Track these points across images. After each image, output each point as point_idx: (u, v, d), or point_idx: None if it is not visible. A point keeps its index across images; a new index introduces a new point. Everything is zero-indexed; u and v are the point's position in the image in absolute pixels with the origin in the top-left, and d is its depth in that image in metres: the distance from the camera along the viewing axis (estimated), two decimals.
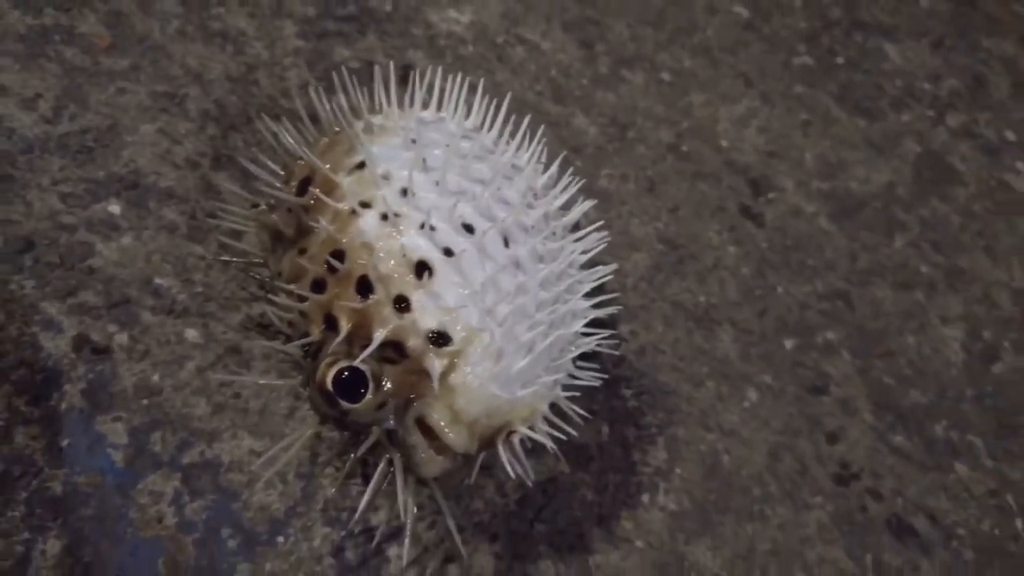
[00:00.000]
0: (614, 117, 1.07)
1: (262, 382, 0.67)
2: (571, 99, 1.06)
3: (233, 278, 0.74)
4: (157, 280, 0.72)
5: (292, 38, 0.93)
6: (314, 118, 0.68)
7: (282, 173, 0.68)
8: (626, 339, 0.88)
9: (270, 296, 0.61)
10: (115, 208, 0.74)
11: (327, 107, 0.65)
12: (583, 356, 0.72)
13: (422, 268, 0.57)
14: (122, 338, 0.69)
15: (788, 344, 0.96)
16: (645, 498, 0.79)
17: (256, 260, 0.68)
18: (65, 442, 0.63)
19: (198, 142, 0.81)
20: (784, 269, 1.03)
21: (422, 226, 0.58)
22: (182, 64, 0.85)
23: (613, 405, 0.83)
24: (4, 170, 0.72)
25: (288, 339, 0.64)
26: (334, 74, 0.69)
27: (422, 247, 0.58)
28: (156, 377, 0.68)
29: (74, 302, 0.69)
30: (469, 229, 0.59)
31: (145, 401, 0.67)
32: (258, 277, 0.67)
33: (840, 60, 1.32)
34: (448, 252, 0.58)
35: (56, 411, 0.64)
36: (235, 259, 0.70)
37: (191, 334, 0.71)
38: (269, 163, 0.69)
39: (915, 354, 1.01)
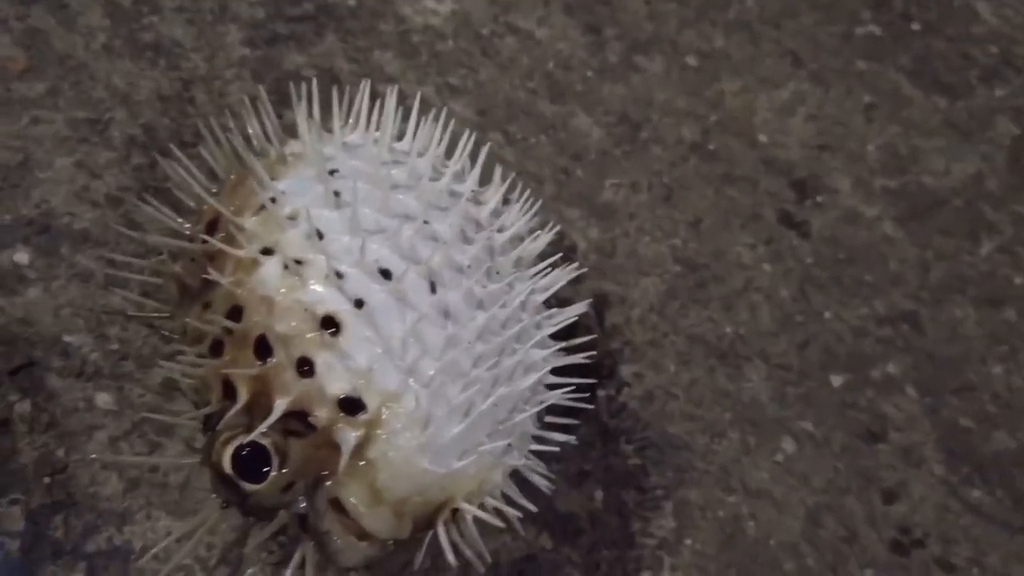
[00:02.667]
0: (624, 114, 1.05)
1: (159, 460, 0.68)
2: (571, 95, 1.05)
3: (154, 332, 0.75)
4: (67, 338, 0.74)
5: (236, 46, 0.95)
6: (222, 147, 0.69)
7: (197, 212, 0.69)
8: (629, 383, 0.86)
9: (162, 362, 0.62)
10: (22, 257, 0.76)
11: (224, 139, 0.66)
12: (567, 411, 0.71)
13: (328, 323, 0.57)
14: (23, 407, 0.70)
15: (836, 381, 0.92)
16: None
17: (166, 316, 0.69)
18: None
19: (121, 175, 0.83)
20: (834, 289, 0.99)
21: (327, 275, 0.58)
22: (107, 85, 0.88)
23: (610, 464, 0.82)
24: None
25: (197, 407, 0.64)
26: (244, 98, 0.70)
27: (327, 299, 0.57)
28: (61, 451, 0.70)
29: None
30: (385, 274, 0.59)
31: (47, 480, 0.68)
32: (169, 335, 0.68)
33: (916, 26, 1.27)
34: (359, 303, 0.58)
35: None
36: (145, 315, 0.71)
37: (103, 399, 0.72)
38: (185, 198, 0.70)
39: (1002, 387, 0.96)
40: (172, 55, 0.91)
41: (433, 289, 0.60)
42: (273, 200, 0.61)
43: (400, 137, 0.70)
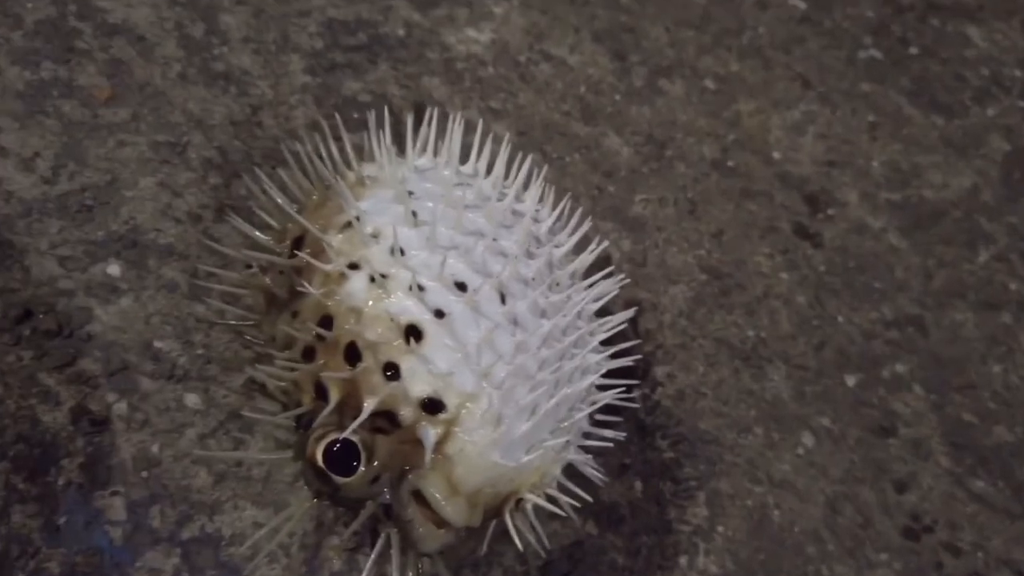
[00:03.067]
0: (650, 134, 1.07)
1: (261, 456, 0.70)
2: (602, 117, 1.07)
3: (236, 337, 0.77)
4: (157, 343, 0.76)
5: (299, 74, 0.97)
6: (306, 170, 0.71)
7: (278, 228, 0.71)
8: (662, 383, 0.88)
9: (257, 366, 0.64)
10: (114, 269, 0.78)
11: (312, 162, 0.68)
12: (610, 409, 0.73)
13: (411, 332, 0.59)
14: (121, 407, 0.73)
15: (850, 380, 0.95)
16: (683, 561, 0.79)
17: (251, 323, 0.71)
18: (62, 519, 0.67)
19: (200, 193, 0.85)
20: (846, 294, 1.01)
21: (411, 287, 0.60)
22: (183, 110, 0.90)
23: (647, 458, 0.84)
24: (2, 236, 0.77)
25: (285, 407, 0.66)
26: (323, 123, 0.72)
27: (410, 309, 0.59)
28: (155, 448, 0.72)
29: (72, 371, 0.73)
30: (461, 287, 0.61)
31: (144, 473, 0.70)
32: (253, 341, 0.70)
33: (913, 50, 1.29)
34: (439, 313, 0.60)
35: (53, 487, 0.68)
36: (230, 322, 0.73)
37: (191, 399, 0.74)
38: (266, 216, 0.72)
39: (1001, 385, 0.98)
40: (241, 83, 0.93)
41: (503, 300, 0.62)
42: (357, 219, 0.63)
43: (462, 160, 0.72)
